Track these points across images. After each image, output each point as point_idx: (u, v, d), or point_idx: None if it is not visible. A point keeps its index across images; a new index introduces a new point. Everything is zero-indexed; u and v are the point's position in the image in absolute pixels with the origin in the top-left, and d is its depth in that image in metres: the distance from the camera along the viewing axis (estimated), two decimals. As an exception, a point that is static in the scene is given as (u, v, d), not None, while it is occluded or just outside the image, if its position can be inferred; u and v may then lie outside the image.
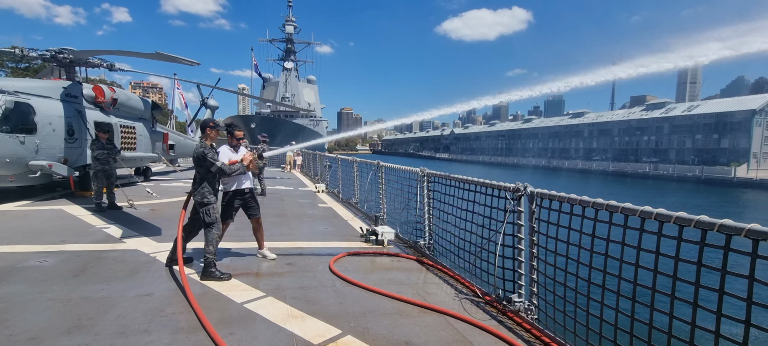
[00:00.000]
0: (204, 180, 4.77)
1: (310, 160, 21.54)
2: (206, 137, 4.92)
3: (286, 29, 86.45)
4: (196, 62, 10.36)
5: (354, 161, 11.15)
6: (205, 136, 4.94)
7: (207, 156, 4.71)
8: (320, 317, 3.78)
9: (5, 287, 4.18)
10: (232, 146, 5.39)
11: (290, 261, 5.54)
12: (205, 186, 4.77)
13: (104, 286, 4.33)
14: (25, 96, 9.67)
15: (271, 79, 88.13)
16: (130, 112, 14.03)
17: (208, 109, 22.69)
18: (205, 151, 4.73)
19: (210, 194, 4.79)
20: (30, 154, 9.52)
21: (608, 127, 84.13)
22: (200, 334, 3.34)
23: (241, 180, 5.31)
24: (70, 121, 10.74)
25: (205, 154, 4.72)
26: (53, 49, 11.68)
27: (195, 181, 4.85)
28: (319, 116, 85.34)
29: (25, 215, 8.10)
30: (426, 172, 6.29)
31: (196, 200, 4.79)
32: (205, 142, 4.87)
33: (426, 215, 6.28)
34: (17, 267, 4.83)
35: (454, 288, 4.78)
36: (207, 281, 4.58)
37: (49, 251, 5.55)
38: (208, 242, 4.73)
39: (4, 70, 47.85)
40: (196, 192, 4.79)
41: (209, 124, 5.01)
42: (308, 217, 9.01)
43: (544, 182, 4.11)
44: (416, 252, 6.30)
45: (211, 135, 4.94)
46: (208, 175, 4.77)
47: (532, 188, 3.86)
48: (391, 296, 4.35)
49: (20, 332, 3.26)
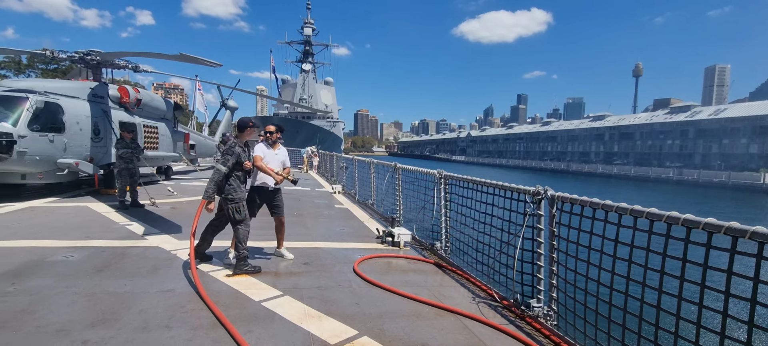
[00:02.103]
0: (229, 177, 4.82)
1: (327, 161, 21.69)
2: (243, 136, 4.99)
3: (305, 31, 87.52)
4: (218, 64, 10.58)
5: (371, 163, 11.17)
6: (241, 135, 4.99)
7: (225, 154, 4.76)
8: (337, 317, 3.79)
9: (34, 281, 4.34)
10: (268, 144, 5.47)
11: (307, 261, 5.58)
12: (232, 183, 4.81)
13: (127, 282, 4.44)
14: (54, 96, 10.04)
15: (289, 81, 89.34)
16: (153, 113, 14.41)
17: (228, 109, 23.11)
18: (229, 150, 4.77)
19: (238, 190, 4.83)
20: (58, 152, 9.86)
21: (630, 130, 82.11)
22: (219, 331, 3.39)
23: (263, 177, 5.36)
24: (96, 121, 11.09)
25: (228, 151, 4.77)
26: (81, 50, 12.11)
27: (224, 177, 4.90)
28: (336, 118, 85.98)
29: (52, 211, 8.40)
30: (443, 174, 6.25)
31: (222, 197, 4.85)
32: (239, 140, 4.93)
33: (443, 217, 6.24)
34: (45, 261, 5.00)
35: (471, 292, 4.73)
36: (230, 278, 4.67)
37: (74, 246, 5.73)
38: (239, 239, 4.81)
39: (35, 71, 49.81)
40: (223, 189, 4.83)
41: (248, 124, 5.07)
42: (325, 217, 9.06)
43: (562, 186, 4.02)
44: (433, 255, 6.26)
45: (248, 134, 5.01)
46: (234, 172, 4.82)
47: (553, 192, 3.79)
48: (408, 298, 4.33)
49: (48, 324, 3.37)
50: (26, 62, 52.06)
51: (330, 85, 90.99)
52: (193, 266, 4.51)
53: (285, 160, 5.64)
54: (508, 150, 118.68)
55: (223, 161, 4.76)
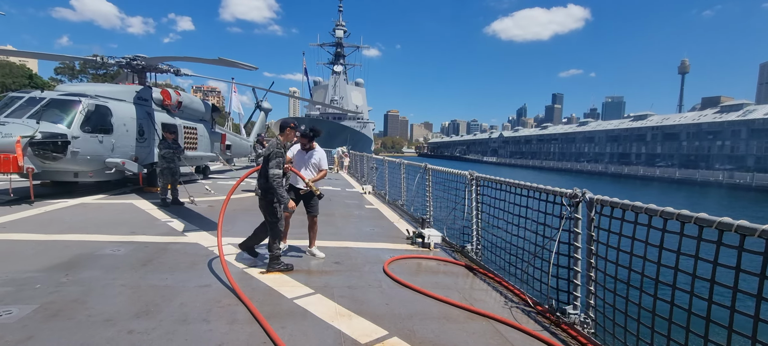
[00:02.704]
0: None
1: (357, 162, 21.87)
2: (284, 137, 5.09)
3: (336, 33, 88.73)
4: (254, 67, 10.90)
5: (401, 163, 11.16)
6: (283, 136, 5.10)
7: (271, 159, 4.84)
8: (367, 316, 3.81)
9: (85, 272, 4.63)
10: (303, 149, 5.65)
11: (338, 260, 5.65)
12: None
13: (168, 276, 4.66)
14: (104, 99, 10.68)
15: (320, 83, 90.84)
16: (192, 114, 15.05)
17: (263, 111, 23.77)
18: (271, 152, 4.87)
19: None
20: (107, 152, 10.48)
21: (675, 130, 77.74)
22: (254, 326, 3.49)
23: (293, 177, 5.55)
24: (141, 123, 11.71)
25: (270, 155, 4.86)
26: (128, 56, 12.83)
27: (260, 176, 5.03)
28: (366, 118, 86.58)
29: (101, 207, 8.94)
30: (474, 175, 6.15)
31: (261, 195, 4.98)
32: (281, 140, 5.04)
33: (474, 219, 6.14)
34: (95, 255, 5.33)
35: (503, 296, 4.62)
36: (265, 275, 4.79)
37: (121, 241, 6.06)
38: (272, 237, 4.94)
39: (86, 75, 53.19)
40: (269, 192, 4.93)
41: (289, 125, 5.17)
42: (355, 217, 9.14)
43: (600, 189, 3.86)
44: (463, 257, 6.18)
45: (288, 135, 5.12)
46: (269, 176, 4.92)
47: (591, 194, 3.64)
48: (438, 299, 4.29)
49: (97, 313, 3.59)
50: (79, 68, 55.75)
51: (360, 86, 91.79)
52: (223, 264, 4.62)
53: (318, 162, 5.70)
54: (541, 151, 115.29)
55: (276, 164, 4.81)
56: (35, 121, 9.07)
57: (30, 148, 8.70)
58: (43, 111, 9.42)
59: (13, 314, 3.48)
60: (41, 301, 3.78)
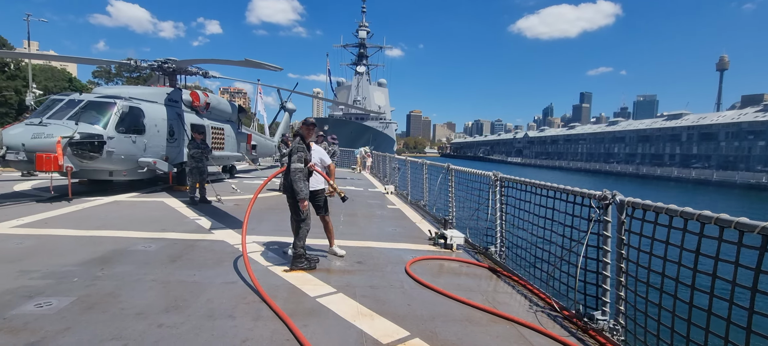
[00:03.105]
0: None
1: (380, 162, 21.91)
2: (306, 134, 5.15)
3: (359, 34, 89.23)
4: (279, 68, 11.10)
5: (424, 164, 11.11)
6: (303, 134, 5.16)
7: (299, 152, 4.92)
8: (389, 317, 3.80)
9: (119, 267, 4.82)
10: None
11: (360, 259, 5.67)
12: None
13: (196, 272, 4.79)
14: (137, 101, 11.12)
15: (343, 83, 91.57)
16: (219, 115, 15.46)
17: (287, 112, 24.17)
18: (293, 148, 4.95)
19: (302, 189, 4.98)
20: (139, 152, 10.90)
21: (713, 130, 74.06)
22: (278, 323, 3.54)
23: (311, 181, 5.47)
24: (171, 124, 12.12)
25: (292, 151, 4.94)
26: (160, 59, 13.31)
27: (285, 175, 5.10)
28: (389, 119, 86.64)
29: (133, 204, 9.30)
30: (499, 176, 6.04)
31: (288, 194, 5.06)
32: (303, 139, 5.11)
33: (498, 220, 6.03)
34: (128, 250, 5.55)
35: (528, 299, 4.52)
36: (288, 273, 4.87)
37: (152, 237, 6.29)
38: (298, 236, 5.01)
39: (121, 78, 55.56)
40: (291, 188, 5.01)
41: (309, 123, 5.24)
42: (377, 217, 9.15)
43: (631, 191, 3.71)
44: (487, 259, 6.08)
45: (308, 132, 5.17)
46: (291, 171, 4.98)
47: (622, 196, 3.50)
48: (461, 302, 4.24)
49: (129, 307, 3.73)
50: (115, 71, 58.32)
51: (383, 87, 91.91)
52: (247, 263, 4.68)
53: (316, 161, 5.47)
54: (569, 152, 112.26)
55: (297, 159, 4.90)
56: (74, 123, 9.53)
57: (69, 148, 9.15)
58: (82, 113, 9.88)
59: (52, 306, 3.66)
60: (78, 294, 3.96)
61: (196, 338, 3.21)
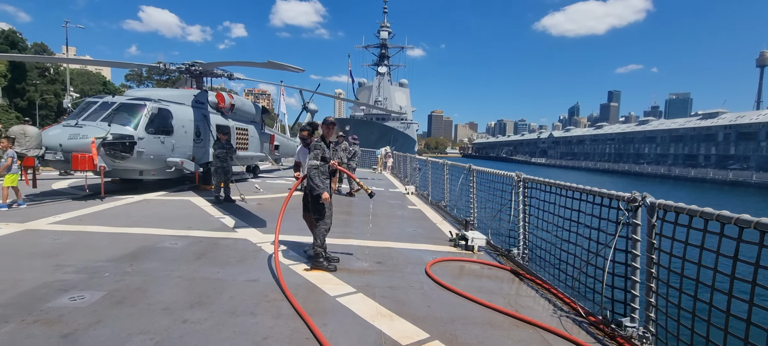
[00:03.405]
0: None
1: (401, 162, 21.87)
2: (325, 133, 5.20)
3: (381, 35, 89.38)
4: (301, 69, 11.23)
5: (445, 164, 11.01)
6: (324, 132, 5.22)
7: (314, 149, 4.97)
8: (408, 318, 3.77)
9: (147, 263, 4.99)
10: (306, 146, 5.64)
11: (380, 260, 5.66)
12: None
13: (219, 269, 4.90)
14: (165, 103, 11.48)
15: (365, 84, 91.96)
16: (244, 116, 15.79)
17: (309, 112, 24.46)
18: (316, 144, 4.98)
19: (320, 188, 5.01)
20: (168, 152, 11.26)
21: (752, 129, 70.28)
22: (298, 322, 3.57)
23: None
24: (198, 125, 12.46)
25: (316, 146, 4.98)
26: (187, 62, 13.71)
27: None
28: (410, 119, 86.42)
29: (162, 203, 9.61)
30: (522, 176, 5.91)
31: (308, 192, 5.11)
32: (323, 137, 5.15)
33: (520, 222, 5.90)
34: (156, 247, 5.73)
35: (552, 304, 4.40)
36: (309, 272, 4.91)
37: (178, 235, 6.47)
38: (316, 235, 5.05)
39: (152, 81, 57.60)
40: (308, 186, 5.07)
41: (324, 122, 5.28)
42: (397, 218, 9.13)
43: (663, 193, 3.55)
44: (509, 261, 5.96)
45: (325, 132, 5.21)
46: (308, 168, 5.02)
47: (653, 199, 3.36)
48: (482, 304, 4.17)
49: (156, 302, 3.85)
50: (146, 74, 60.55)
51: (404, 87, 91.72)
52: (276, 260, 4.79)
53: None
54: (596, 152, 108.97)
55: (314, 156, 4.95)
56: (107, 124, 9.93)
57: (102, 148, 9.54)
58: (114, 114, 10.28)
59: (85, 299, 3.82)
60: (109, 288, 4.12)
61: (219, 335, 3.28)
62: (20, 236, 6.12)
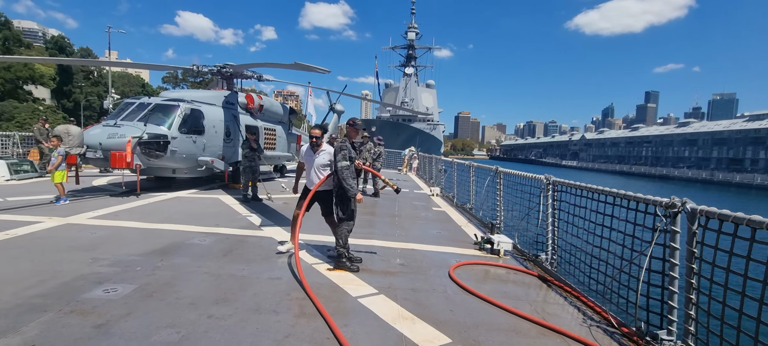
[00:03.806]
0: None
1: (426, 164, 21.72)
2: (350, 134, 5.20)
3: (408, 36, 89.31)
4: (327, 70, 11.34)
5: (471, 166, 10.82)
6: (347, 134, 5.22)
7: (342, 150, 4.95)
8: (430, 322, 3.70)
9: (176, 259, 5.14)
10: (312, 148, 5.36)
11: (403, 261, 5.61)
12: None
13: (245, 266, 4.99)
14: (197, 104, 11.87)
15: (391, 85, 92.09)
16: (272, 117, 16.11)
17: (336, 113, 24.69)
18: (339, 147, 4.98)
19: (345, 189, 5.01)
20: (199, 151, 11.63)
21: (806, 132, 65.42)
22: (319, 321, 3.58)
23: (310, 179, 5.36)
24: (228, 125, 12.81)
25: (338, 150, 4.97)
26: (218, 64, 14.13)
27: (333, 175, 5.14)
28: (436, 120, 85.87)
29: (192, 200, 9.92)
30: (551, 179, 5.71)
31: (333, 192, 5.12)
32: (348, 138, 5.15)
33: (549, 226, 5.70)
34: (185, 243, 5.90)
35: (582, 312, 4.21)
36: (331, 272, 4.93)
37: (206, 232, 6.65)
38: (338, 235, 5.06)
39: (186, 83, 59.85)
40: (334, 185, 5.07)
41: (353, 124, 5.27)
42: (421, 219, 9.04)
43: (704, 199, 3.31)
44: (536, 266, 5.77)
45: (350, 133, 5.22)
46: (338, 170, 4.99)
47: (694, 205, 3.15)
48: (507, 310, 4.04)
49: (183, 297, 3.95)
50: (181, 76, 62.99)
51: (431, 88, 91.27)
52: (297, 260, 4.80)
53: (326, 162, 5.28)
54: (631, 155, 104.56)
55: (342, 157, 4.93)
56: (143, 124, 10.36)
57: (138, 147, 9.95)
58: (150, 115, 10.72)
59: (118, 292, 3.97)
60: (140, 282, 4.27)
61: (242, 331, 3.33)
62: (63, 229, 6.46)
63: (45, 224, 6.66)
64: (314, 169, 5.30)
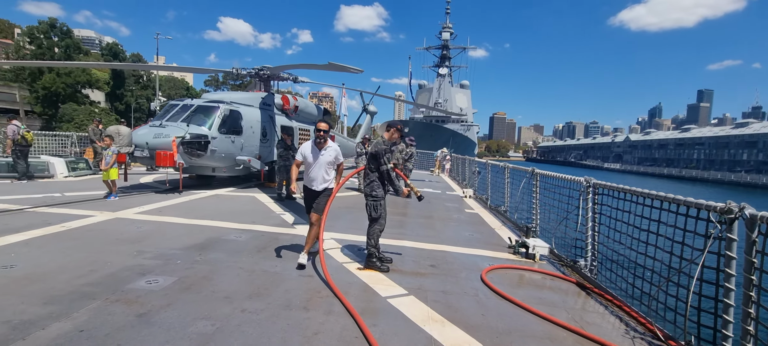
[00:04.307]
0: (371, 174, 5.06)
1: (459, 165, 21.40)
2: (389, 136, 5.20)
3: (443, 36, 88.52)
4: (360, 70, 11.42)
5: (505, 167, 10.54)
6: (388, 135, 5.22)
7: (380, 156, 4.97)
8: (461, 325, 3.62)
9: (213, 254, 5.33)
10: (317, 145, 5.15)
11: (433, 263, 5.53)
12: (375, 180, 5.03)
13: (277, 263, 5.09)
14: (236, 105, 12.30)
15: (425, 86, 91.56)
16: (306, 117, 16.43)
17: (369, 114, 24.86)
18: (378, 150, 4.99)
19: (379, 188, 5.02)
20: (237, 151, 12.04)
21: None
22: (348, 319, 3.59)
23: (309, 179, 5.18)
24: (264, 126, 13.19)
25: (382, 152, 4.99)
26: (257, 67, 14.59)
27: (365, 174, 5.15)
28: (471, 121, 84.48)
29: (230, 198, 10.28)
30: (592, 182, 5.44)
31: (365, 192, 5.13)
32: (387, 139, 5.17)
33: (589, 231, 5.43)
34: (222, 239, 6.11)
35: (624, 322, 3.97)
36: (362, 271, 4.94)
37: (243, 229, 6.86)
38: (370, 235, 5.06)
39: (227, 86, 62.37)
40: (366, 185, 5.10)
41: (395, 126, 5.26)
42: (454, 221, 8.90)
43: (764, 205, 3.03)
44: (574, 273, 5.51)
45: (393, 135, 5.21)
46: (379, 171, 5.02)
47: (753, 210, 2.88)
48: (542, 317, 3.88)
49: (219, 291, 4.09)
50: (222, 79, 65.73)
51: (466, 89, 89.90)
52: (322, 260, 4.79)
53: (332, 160, 5.15)
54: (681, 158, 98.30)
55: (388, 159, 4.98)
56: (186, 125, 10.86)
57: (181, 146, 10.44)
58: (192, 116, 11.23)
59: (159, 284, 4.16)
60: (179, 275, 4.45)
61: (273, 326, 3.39)
62: (112, 223, 6.88)
63: (96, 218, 7.12)
64: (320, 168, 5.07)
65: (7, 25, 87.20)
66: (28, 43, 53.11)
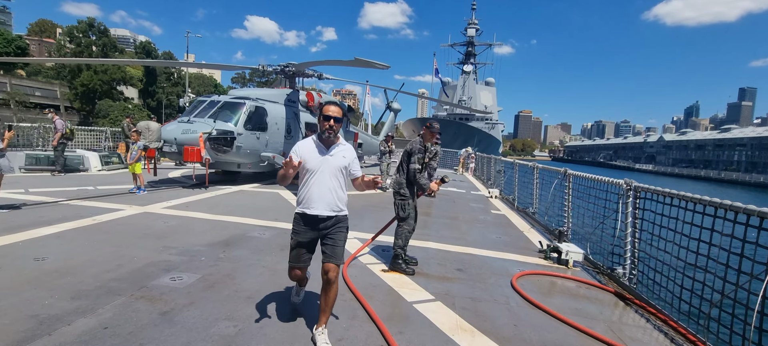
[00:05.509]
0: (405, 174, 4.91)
1: (484, 164, 20.94)
2: (425, 137, 5.03)
3: (468, 32, 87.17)
4: (387, 66, 11.26)
5: (535, 167, 10.16)
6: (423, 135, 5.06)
7: (412, 155, 4.84)
8: (491, 336, 3.41)
9: (237, 251, 5.30)
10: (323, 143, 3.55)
11: (460, 266, 5.32)
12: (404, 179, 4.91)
13: (301, 262, 5.00)
14: (262, 102, 12.38)
15: (449, 83, 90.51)
16: (330, 115, 16.41)
17: (392, 111, 24.68)
18: (413, 148, 4.87)
19: (407, 187, 4.89)
20: (262, 147, 12.12)
21: None
22: (373, 326, 3.44)
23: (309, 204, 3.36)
24: (289, 122, 13.24)
25: (412, 151, 4.86)
26: (282, 64, 14.66)
27: (398, 170, 5.03)
28: (496, 119, 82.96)
29: (255, 194, 10.34)
30: (633, 185, 5.09)
31: (393, 191, 5.01)
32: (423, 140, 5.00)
33: (628, 238, 5.08)
34: (245, 236, 6.09)
35: (669, 338, 3.66)
36: (386, 273, 4.80)
37: (266, 226, 6.83)
38: (397, 235, 4.92)
39: (253, 82, 63.54)
40: (395, 182, 4.99)
41: (426, 125, 5.11)
42: (480, 222, 8.62)
43: None
44: (612, 282, 5.18)
45: (426, 135, 5.03)
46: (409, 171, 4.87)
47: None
48: (579, 329, 3.62)
49: (242, 289, 4.02)
50: (248, 76, 67.00)
51: (491, 86, 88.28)
52: (344, 270, 4.67)
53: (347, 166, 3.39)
54: (720, 159, 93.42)
55: (416, 160, 4.82)
56: (213, 121, 11.00)
57: (208, 142, 10.58)
58: (219, 112, 11.37)
59: (183, 281, 4.14)
60: (203, 272, 4.42)
61: (296, 330, 3.29)
62: (140, 217, 6.99)
63: (126, 212, 7.26)
64: (326, 178, 3.22)
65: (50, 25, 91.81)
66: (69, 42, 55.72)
